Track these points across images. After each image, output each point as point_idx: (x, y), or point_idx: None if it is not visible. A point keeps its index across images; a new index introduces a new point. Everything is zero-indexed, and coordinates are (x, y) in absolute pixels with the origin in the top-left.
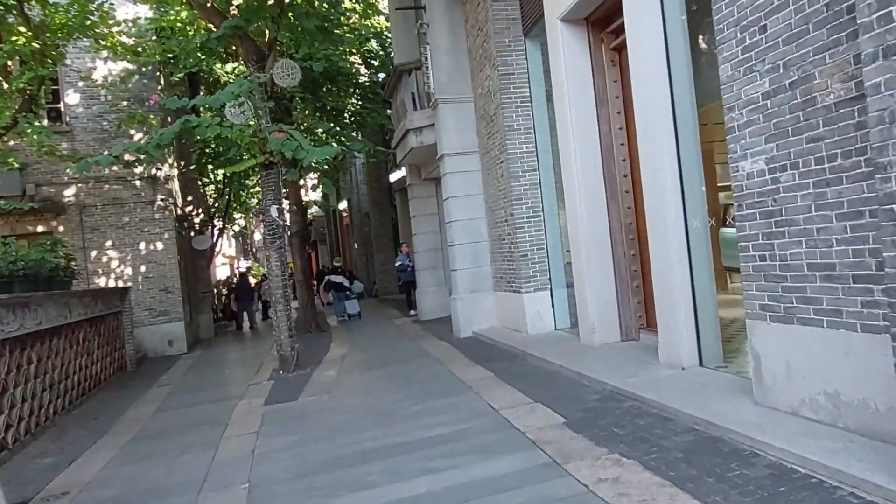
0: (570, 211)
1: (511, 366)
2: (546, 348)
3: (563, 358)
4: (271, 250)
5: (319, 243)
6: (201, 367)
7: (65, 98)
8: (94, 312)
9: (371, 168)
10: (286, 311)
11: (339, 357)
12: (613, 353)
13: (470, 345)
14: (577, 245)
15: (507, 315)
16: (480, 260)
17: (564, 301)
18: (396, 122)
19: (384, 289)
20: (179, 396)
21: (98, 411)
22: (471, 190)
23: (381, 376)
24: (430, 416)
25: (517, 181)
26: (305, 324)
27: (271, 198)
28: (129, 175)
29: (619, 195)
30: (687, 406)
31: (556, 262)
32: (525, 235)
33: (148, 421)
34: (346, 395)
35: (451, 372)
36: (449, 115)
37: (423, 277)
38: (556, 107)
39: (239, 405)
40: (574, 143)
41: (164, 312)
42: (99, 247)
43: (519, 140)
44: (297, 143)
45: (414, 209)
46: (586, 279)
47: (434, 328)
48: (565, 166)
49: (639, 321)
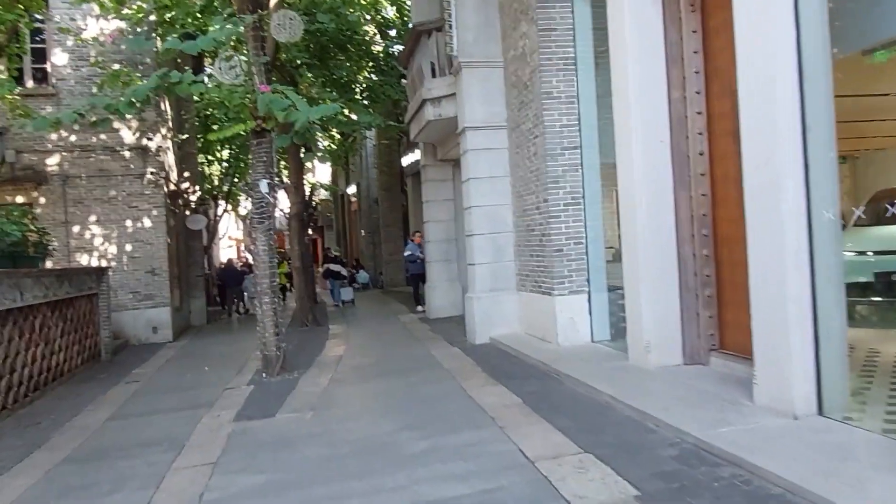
0: (625, 198)
1: (542, 389)
2: (586, 368)
3: (614, 385)
4: (258, 232)
5: (326, 229)
6: (181, 360)
7: (51, 58)
8: (57, 295)
9: (382, 151)
10: (272, 304)
11: (334, 359)
12: (679, 384)
13: (487, 354)
14: (633, 241)
15: (533, 320)
16: (503, 254)
17: (604, 308)
18: (412, 94)
19: (391, 280)
20: (143, 399)
21: (45, 413)
22: (495, 171)
23: (378, 391)
24: (439, 460)
25: (554, 161)
26: (302, 317)
27: (262, 171)
28: (117, 145)
29: (692, 179)
30: (838, 493)
31: (596, 261)
32: (561, 227)
33: (94, 433)
34: (334, 416)
35: (466, 392)
36: (474, 82)
37: (434, 271)
38: (613, 66)
39: (205, 418)
40: (635, 113)
41: (149, 296)
42: (82, 222)
43: (559, 111)
44: (289, 102)
45: (427, 194)
46: (642, 284)
47: (444, 329)
48: (621, 142)
49: (709, 341)
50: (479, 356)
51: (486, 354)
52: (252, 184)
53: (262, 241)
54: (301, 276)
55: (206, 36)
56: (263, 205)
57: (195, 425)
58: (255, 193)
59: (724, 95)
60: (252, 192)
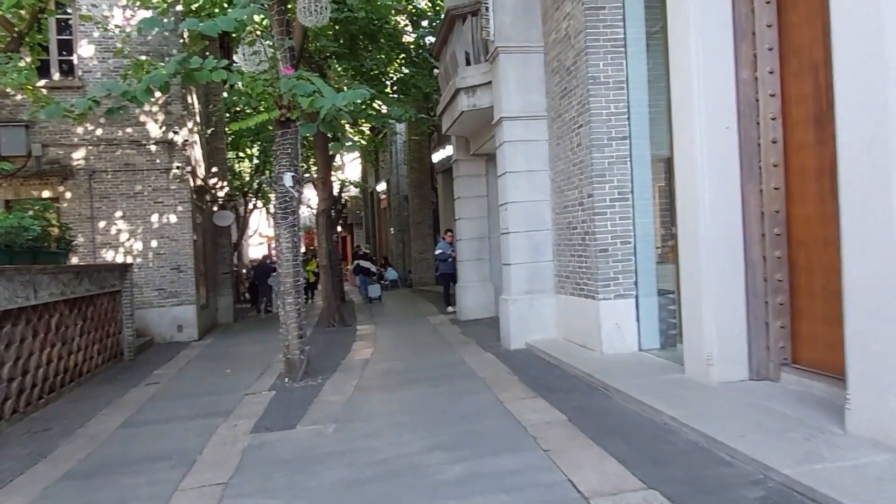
0: (684, 192)
1: (589, 404)
2: (637, 381)
3: (672, 403)
4: (281, 228)
5: (356, 227)
6: (203, 360)
7: (78, 50)
8: (76, 292)
9: (412, 147)
10: (296, 304)
11: (360, 363)
12: (749, 403)
13: (524, 361)
14: (692, 241)
15: (574, 326)
16: (541, 253)
17: (653, 314)
18: (444, 85)
19: (420, 279)
20: (160, 404)
21: (58, 418)
22: (534, 164)
23: (406, 402)
24: (476, 491)
25: (601, 152)
26: (329, 316)
27: (286, 163)
28: (143, 139)
29: (763, 170)
30: None
31: (645, 262)
32: (606, 224)
33: (103, 442)
34: (358, 431)
35: (503, 405)
36: (511, 68)
37: (466, 270)
38: (672, 43)
39: (221, 428)
40: (697, 95)
41: (174, 294)
42: (108, 217)
43: (606, 98)
44: (313, 87)
45: (459, 190)
46: (704, 289)
47: (476, 332)
48: (681, 129)
49: (780, 354)
50: (515, 364)
51: (522, 362)
52: (276, 177)
53: (286, 238)
54: (328, 274)
55: (227, 16)
56: (287, 199)
57: (209, 436)
58: (279, 187)
59: (802, 75)
60: (276, 186)
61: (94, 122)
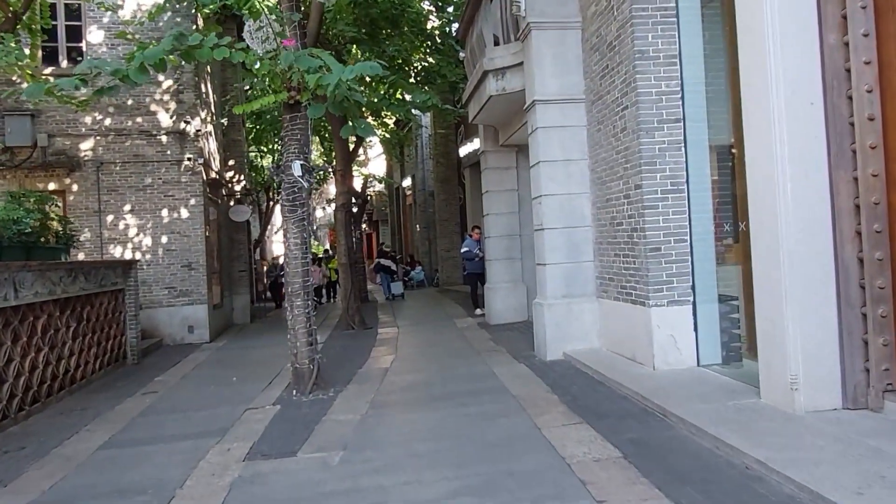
0: (759, 182)
1: (647, 437)
2: (705, 409)
3: (756, 441)
4: (289, 222)
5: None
6: (210, 366)
7: (87, 37)
8: (68, 291)
9: (438, 141)
10: (305, 307)
11: (378, 373)
12: (852, 442)
13: (563, 376)
14: (770, 238)
15: (619, 336)
16: (580, 252)
17: (714, 323)
18: (470, 70)
19: (447, 278)
20: (151, 419)
21: (36, 434)
22: (571, 152)
23: (428, 427)
24: None
25: (650, 136)
26: (348, 318)
27: (295, 150)
28: (153, 129)
29: (858, 153)
30: None
31: (703, 263)
32: (658, 220)
33: (77, 467)
34: (368, 463)
35: (542, 433)
36: (545, 46)
37: (495, 270)
38: (739, 5)
39: (212, 453)
40: (774, 66)
41: (185, 293)
42: (116, 211)
43: (655, 75)
44: (319, 62)
45: (487, 183)
46: (785, 297)
47: (507, 339)
48: (752, 106)
49: (883, 378)
50: (552, 379)
51: (561, 377)
52: (283, 165)
53: (294, 233)
54: (347, 273)
55: None
56: (296, 190)
57: (196, 463)
58: (287, 177)
59: None
60: (284, 175)
61: (102, 112)
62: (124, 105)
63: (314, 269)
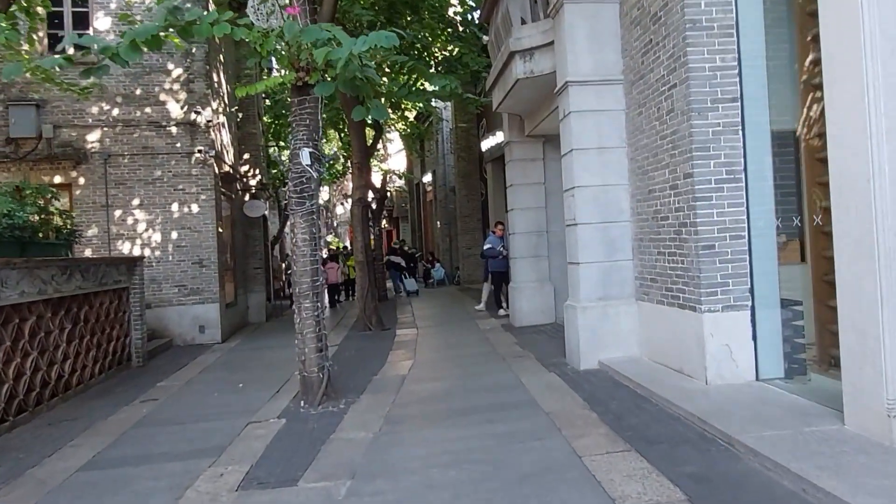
0: (845, 167)
1: (711, 471)
2: (777, 436)
3: (852, 483)
4: (297, 215)
5: (401, 220)
6: (218, 369)
7: (94, 22)
8: (61, 290)
9: (460, 135)
10: (314, 310)
11: (395, 381)
12: None
13: (600, 388)
14: (860, 235)
15: (664, 344)
16: (617, 250)
17: (776, 331)
18: (494, 54)
19: (468, 276)
20: (144, 432)
21: (16, 449)
22: (607, 140)
23: (450, 447)
24: None
25: (702, 118)
26: (365, 319)
27: (303, 137)
28: (163, 119)
29: None
30: None
31: (764, 262)
32: (711, 213)
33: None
34: (380, 495)
35: (582, 460)
36: (579, 21)
37: (520, 269)
38: None
39: (202, 479)
40: (868, 21)
41: (195, 291)
42: (124, 205)
43: (709, 48)
44: (327, 35)
45: (512, 176)
46: (881, 306)
47: (534, 343)
48: (834, 75)
49: None
50: (588, 392)
51: (598, 389)
52: (291, 153)
53: (302, 228)
54: (364, 271)
55: None
56: (304, 180)
57: (183, 492)
58: (295, 165)
59: None
60: (291, 164)
61: (109, 102)
62: (132, 95)
63: (332, 265)
